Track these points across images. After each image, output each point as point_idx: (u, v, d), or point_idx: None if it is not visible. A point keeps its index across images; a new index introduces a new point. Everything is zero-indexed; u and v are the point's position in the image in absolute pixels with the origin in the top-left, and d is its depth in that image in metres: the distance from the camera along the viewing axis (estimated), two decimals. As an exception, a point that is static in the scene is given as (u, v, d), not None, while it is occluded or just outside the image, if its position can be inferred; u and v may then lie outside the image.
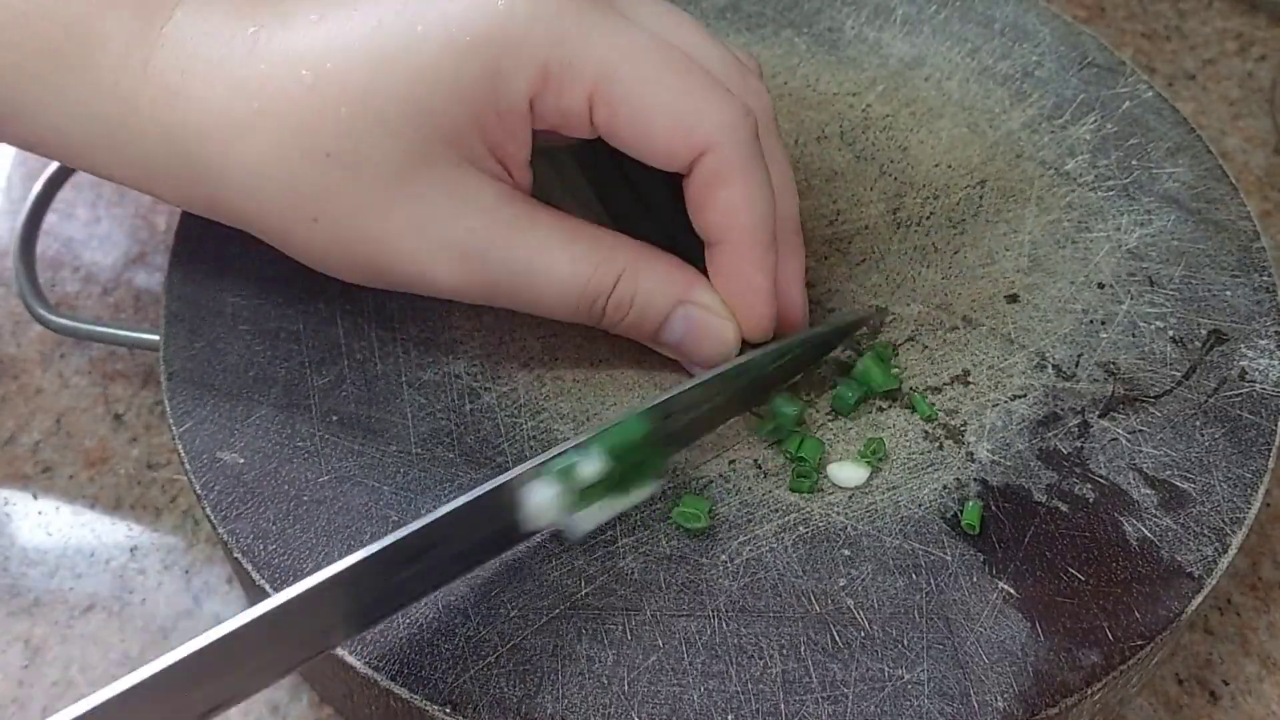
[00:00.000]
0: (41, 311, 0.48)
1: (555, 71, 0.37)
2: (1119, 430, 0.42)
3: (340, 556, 0.33)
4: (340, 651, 0.36)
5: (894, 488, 0.40)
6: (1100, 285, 0.46)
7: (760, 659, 0.36)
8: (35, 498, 0.48)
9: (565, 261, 0.39)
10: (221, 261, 0.45)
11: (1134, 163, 0.49)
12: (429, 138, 0.37)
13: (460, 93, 0.36)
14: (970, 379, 0.43)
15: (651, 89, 0.37)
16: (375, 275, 0.39)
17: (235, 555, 0.38)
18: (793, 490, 0.40)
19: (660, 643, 0.36)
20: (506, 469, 0.40)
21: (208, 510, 0.39)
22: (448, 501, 0.34)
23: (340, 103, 0.36)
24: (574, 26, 0.37)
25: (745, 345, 0.41)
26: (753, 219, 0.39)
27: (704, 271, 0.41)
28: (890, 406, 0.42)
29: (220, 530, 0.38)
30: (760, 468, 0.40)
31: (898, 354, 0.43)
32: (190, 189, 0.39)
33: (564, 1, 0.37)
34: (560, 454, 0.36)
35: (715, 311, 0.40)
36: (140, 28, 0.38)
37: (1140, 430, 0.42)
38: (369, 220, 0.38)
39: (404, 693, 0.35)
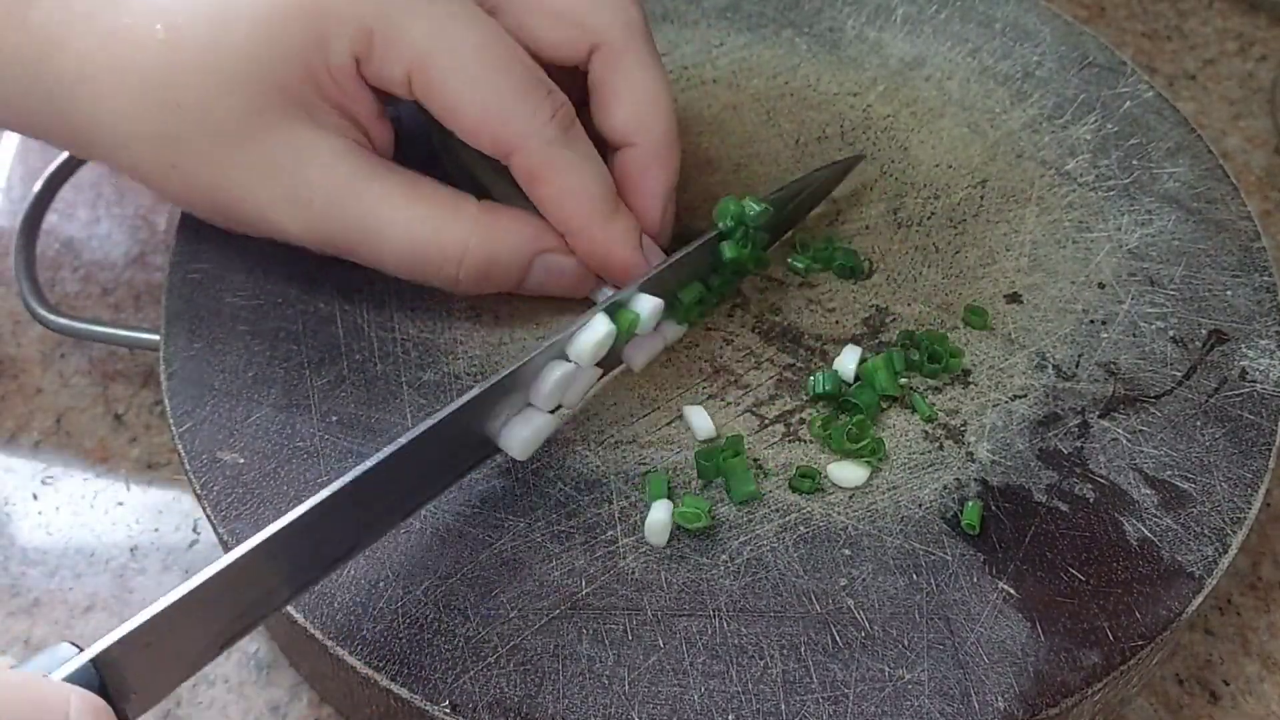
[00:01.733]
0: (41, 311, 0.48)
1: (378, 41, 0.39)
2: (1119, 430, 0.42)
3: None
4: (340, 651, 0.36)
5: (894, 488, 0.40)
6: (1100, 285, 0.46)
7: (760, 659, 0.36)
8: (35, 498, 0.48)
9: (401, 221, 0.40)
10: (221, 261, 0.45)
11: (1134, 163, 0.49)
12: (268, 92, 0.39)
13: (291, 49, 0.38)
14: (970, 379, 0.43)
15: (463, 84, 0.39)
16: (233, 221, 0.42)
17: (235, 555, 0.38)
18: (793, 490, 0.40)
19: (661, 643, 0.36)
20: (506, 468, 0.40)
21: (208, 510, 0.39)
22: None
23: (188, 58, 0.39)
24: (403, 1, 0.38)
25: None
26: (579, 209, 0.41)
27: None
28: (890, 406, 0.42)
29: (220, 530, 0.38)
30: (760, 468, 0.40)
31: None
32: (66, 135, 0.42)
33: None
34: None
35: (567, 252, 0.42)
36: None
37: (1140, 430, 0.42)
38: (218, 169, 0.40)
39: (404, 693, 0.35)
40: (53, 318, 0.48)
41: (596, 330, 0.39)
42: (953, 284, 0.46)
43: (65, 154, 0.51)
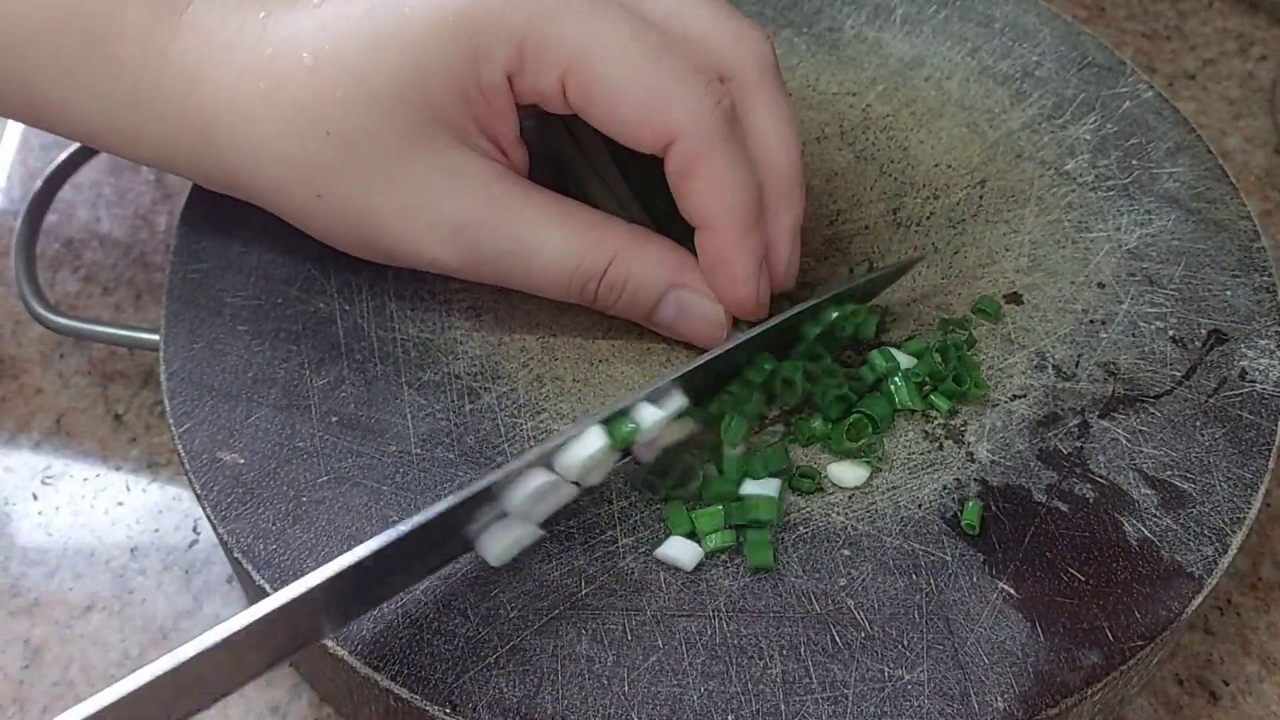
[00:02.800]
0: (41, 311, 0.48)
1: (530, 51, 0.38)
2: (1119, 430, 0.42)
3: (339, 555, 0.33)
4: (340, 651, 0.36)
5: (894, 488, 0.40)
6: (1100, 285, 0.46)
7: (760, 659, 0.36)
8: (35, 498, 0.48)
9: (557, 241, 0.40)
10: (221, 261, 0.45)
11: (1134, 163, 0.49)
12: (420, 115, 0.38)
13: (445, 70, 0.38)
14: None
15: (621, 75, 0.38)
16: (376, 250, 0.41)
17: (235, 555, 0.38)
18: (793, 490, 0.40)
19: (660, 643, 0.36)
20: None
21: (208, 510, 0.39)
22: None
23: (338, 83, 0.38)
24: (549, 7, 0.38)
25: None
26: (727, 205, 0.39)
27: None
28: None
29: (220, 530, 0.38)
30: (760, 468, 0.40)
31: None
32: (208, 169, 0.41)
33: None
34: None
35: (706, 294, 0.41)
36: (159, 18, 0.39)
37: (1140, 430, 0.42)
38: (368, 196, 0.39)
39: (404, 693, 0.35)
40: (53, 318, 0.48)
41: (588, 444, 0.36)
42: (952, 284, 0.46)
43: (65, 154, 0.51)
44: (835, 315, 0.42)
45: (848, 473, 0.40)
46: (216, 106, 0.39)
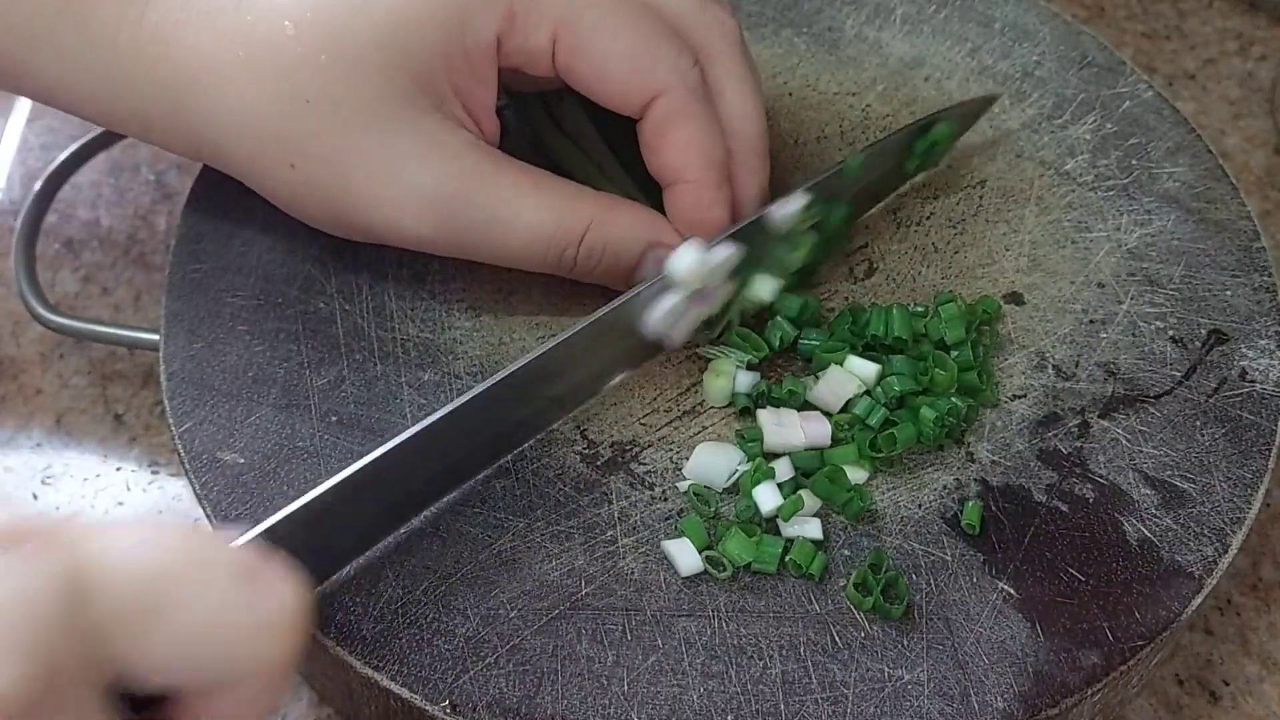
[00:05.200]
0: (41, 311, 0.48)
1: (520, 11, 0.39)
2: (1119, 430, 0.42)
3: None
4: (340, 651, 0.36)
5: (894, 488, 0.40)
6: (1100, 285, 0.46)
7: (760, 659, 0.36)
8: (35, 498, 0.48)
9: (532, 209, 0.40)
10: (221, 262, 0.45)
11: (1134, 162, 0.49)
12: (401, 77, 0.39)
13: (432, 31, 0.38)
14: (970, 379, 0.43)
15: (610, 34, 0.39)
16: (348, 224, 0.41)
17: (235, 555, 0.38)
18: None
19: (660, 643, 0.36)
20: (506, 467, 0.40)
21: (208, 510, 0.39)
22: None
23: (320, 49, 0.38)
24: None
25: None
26: (702, 159, 0.41)
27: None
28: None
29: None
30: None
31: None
32: (181, 135, 0.41)
33: None
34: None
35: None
36: None
37: (1140, 430, 0.42)
38: (343, 165, 0.40)
39: (404, 693, 0.35)
40: (53, 318, 0.48)
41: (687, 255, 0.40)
42: (952, 284, 0.46)
43: (65, 154, 0.51)
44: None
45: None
46: (194, 72, 0.39)
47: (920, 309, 0.43)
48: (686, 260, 0.40)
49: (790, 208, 0.42)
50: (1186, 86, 0.64)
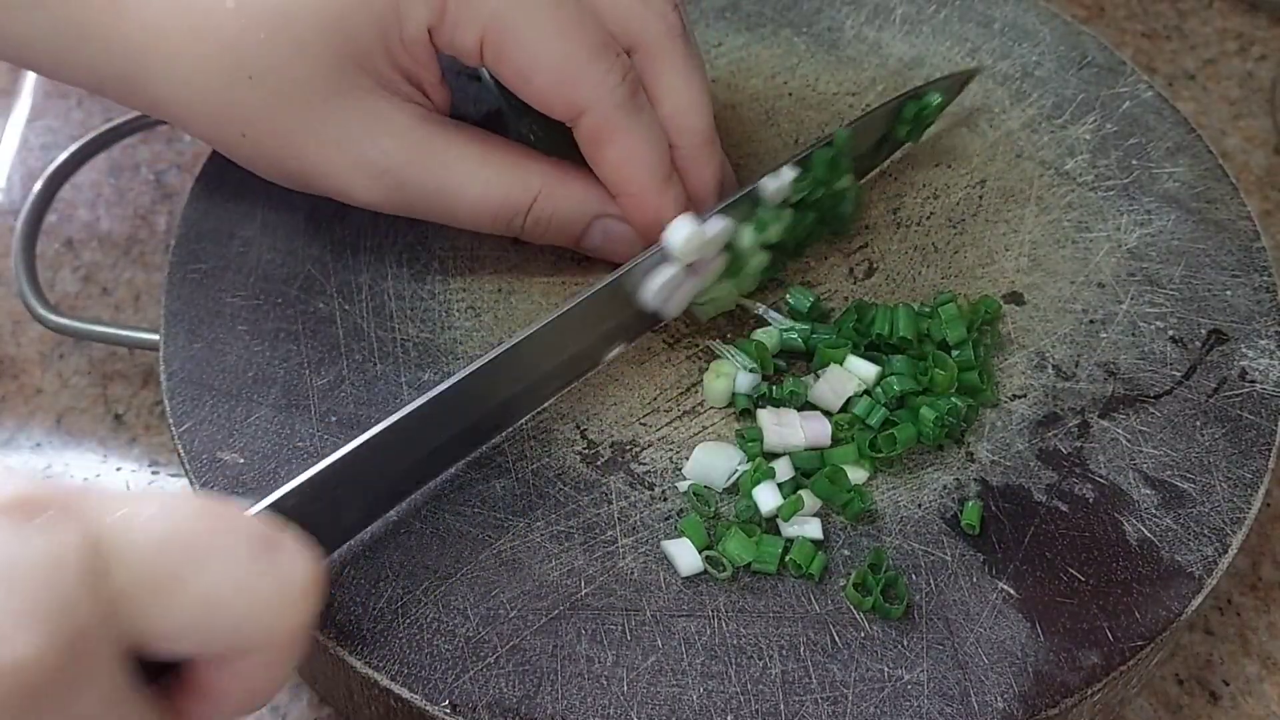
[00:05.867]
0: (41, 311, 0.48)
1: (451, 7, 0.39)
2: (1119, 430, 0.42)
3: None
4: (340, 651, 0.36)
5: (894, 488, 0.40)
6: (1100, 285, 0.46)
7: (760, 659, 0.36)
8: (35, 498, 0.48)
9: (480, 180, 0.41)
10: (221, 261, 0.45)
11: (1134, 162, 0.49)
12: (342, 61, 0.39)
13: (367, 19, 0.39)
14: (970, 379, 0.43)
15: (537, 45, 0.39)
16: (304, 186, 0.42)
17: (235, 555, 0.38)
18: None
19: (660, 643, 0.36)
20: (506, 467, 0.40)
21: (207, 510, 0.39)
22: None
23: (260, 26, 0.39)
24: None
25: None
26: (635, 174, 0.41)
27: None
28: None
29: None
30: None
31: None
32: (136, 96, 0.42)
33: None
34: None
35: (623, 219, 0.43)
36: None
37: (1140, 430, 0.42)
38: (290, 138, 0.40)
39: (404, 693, 0.35)
40: (53, 318, 0.48)
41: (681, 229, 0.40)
42: (952, 284, 0.46)
43: (65, 154, 0.51)
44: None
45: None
46: (143, 39, 0.40)
47: (926, 309, 0.43)
48: (681, 234, 0.40)
49: (780, 181, 0.42)
50: (1186, 86, 0.64)
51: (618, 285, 0.40)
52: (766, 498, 0.39)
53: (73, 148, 0.51)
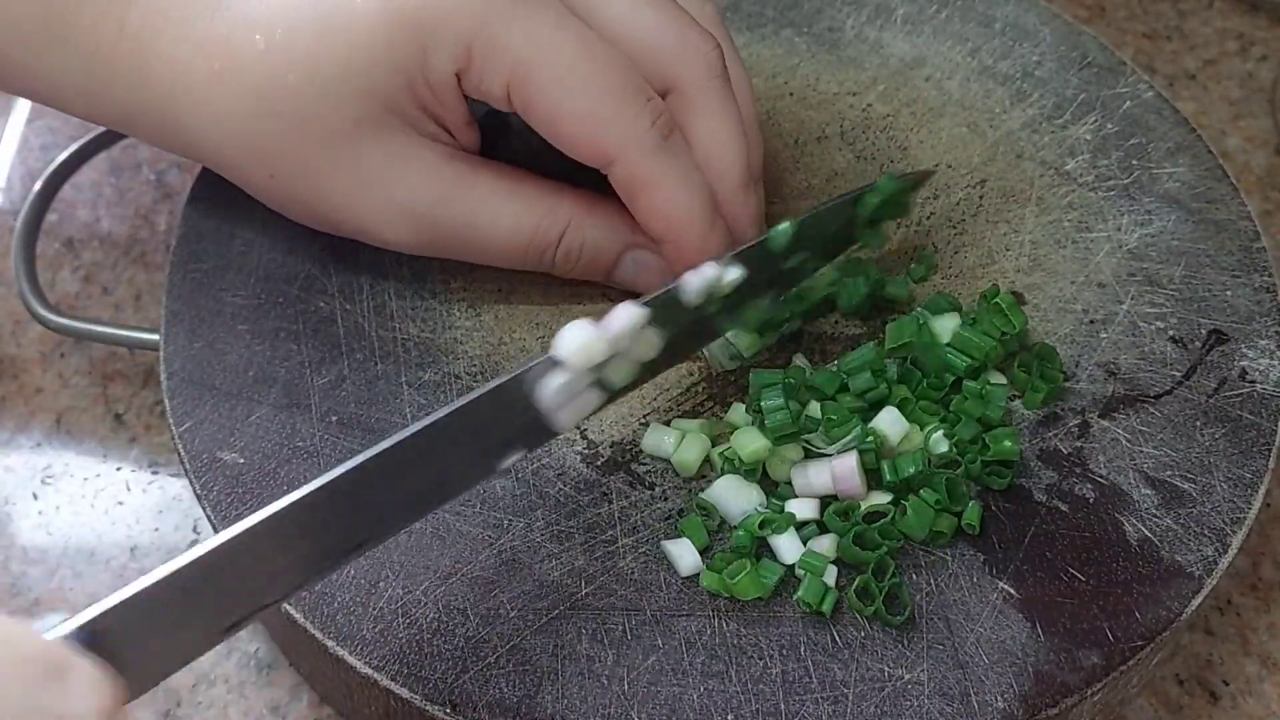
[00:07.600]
0: (41, 311, 0.48)
1: (477, 53, 0.38)
2: (1119, 430, 0.42)
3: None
4: (340, 651, 0.36)
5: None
6: (1100, 285, 0.46)
7: (760, 659, 0.36)
8: (35, 498, 0.48)
9: (509, 215, 0.41)
10: (221, 261, 0.45)
11: (1134, 163, 0.49)
12: (370, 104, 0.39)
13: (394, 63, 0.38)
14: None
15: (564, 91, 0.38)
16: (334, 228, 0.42)
17: (235, 555, 0.38)
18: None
19: (660, 643, 0.36)
20: (505, 468, 0.40)
21: (208, 510, 0.39)
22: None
23: (288, 69, 0.38)
24: (500, 12, 0.38)
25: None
26: (674, 221, 0.40)
27: None
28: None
29: (220, 530, 0.38)
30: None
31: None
32: (168, 137, 0.42)
33: None
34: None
35: (655, 249, 0.42)
36: None
37: (1140, 430, 0.42)
38: (318, 180, 0.40)
39: (404, 693, 0.35)
40: (53, 318, 0.48)
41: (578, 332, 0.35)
42: (953, 284, 0.46)
43: (65, 154, 0.51)
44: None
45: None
46: (172, 82, 0.39)
47: (970, 317, 0.42)
48: (574, 340, 0.35)
49: (701, 278, 0.38)
50: (1187, 87, 0.64)
51: (510, 386, 0.35)
52: (788, 548, 0.38)
53: (73, 147, 0.51)
